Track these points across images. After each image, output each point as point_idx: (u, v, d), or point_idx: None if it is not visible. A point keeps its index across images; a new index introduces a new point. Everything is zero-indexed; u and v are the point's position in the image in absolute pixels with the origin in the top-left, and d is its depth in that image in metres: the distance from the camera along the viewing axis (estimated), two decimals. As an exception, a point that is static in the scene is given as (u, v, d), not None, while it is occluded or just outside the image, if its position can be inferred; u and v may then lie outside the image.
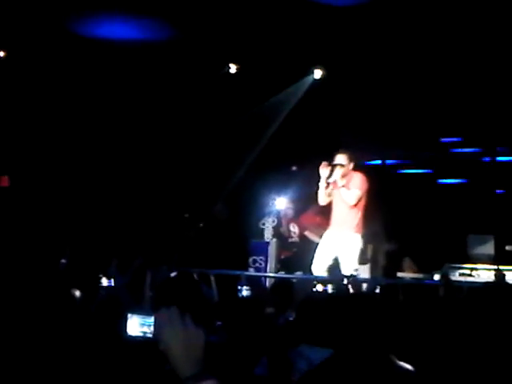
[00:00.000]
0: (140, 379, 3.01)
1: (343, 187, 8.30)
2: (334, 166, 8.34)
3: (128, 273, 8.45)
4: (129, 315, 2.15)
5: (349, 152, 8.53)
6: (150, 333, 2.06)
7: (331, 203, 8.57)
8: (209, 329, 3.97)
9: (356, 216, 8.42)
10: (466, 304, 4.80)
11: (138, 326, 2.12)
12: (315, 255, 8.53)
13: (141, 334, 2.09)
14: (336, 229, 8.47)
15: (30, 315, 3.65)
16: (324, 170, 8.37)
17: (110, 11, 8.68)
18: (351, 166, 8.44)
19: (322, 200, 8.54)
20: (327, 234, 8.58)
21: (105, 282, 7.41)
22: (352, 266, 8.34)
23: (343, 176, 8.35)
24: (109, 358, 3.22)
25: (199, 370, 1.79)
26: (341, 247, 8.38)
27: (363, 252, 9.83)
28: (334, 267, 8.39)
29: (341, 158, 8.40)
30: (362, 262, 9.78)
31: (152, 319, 2.06)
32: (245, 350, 3.15)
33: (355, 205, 8.34)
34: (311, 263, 9.25)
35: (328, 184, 8.38)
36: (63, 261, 7.96)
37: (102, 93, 10.56)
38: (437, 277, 8.56)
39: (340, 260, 8.39)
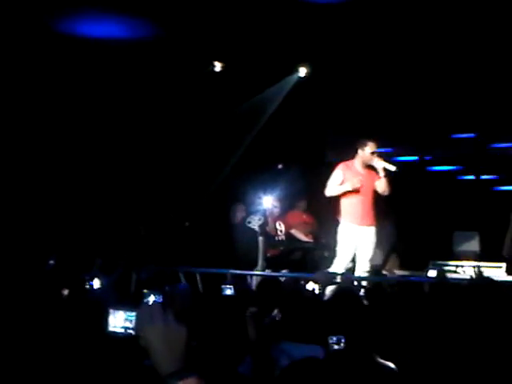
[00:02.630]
0: (120, 375, 3.00)
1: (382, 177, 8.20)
2: (372, 154, 8.22)
3: (114, 273, 8.43)
4: (111, 310, 2.13)
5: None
6: (132, 328, 2.04)
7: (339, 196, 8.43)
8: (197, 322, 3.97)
9: (373, 207, 8.37)
10: (452, 300, 4.82)
11: (121, 321, 2.10)
12: (340, 249, 8.35)
13: (122, 330, 2.07)
14: (359, 221, 8.31)
15: (17, 313, 3.63)
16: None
17: (94, 9, 8.63)
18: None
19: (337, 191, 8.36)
20: (348, 227, 8.35)
21: (97, 283, 7.39)
22: (373, 259, 8.28)
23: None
24: (90, 354, 3.20)
25: (180, 366, 1.77)
26: (363, 240, 8.28)
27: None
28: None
29: (374, 147, 8.27)
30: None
31: (135, 314, 2.04)
32: (228, 349, 3.14)
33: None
34: (298, 261, 9.26)
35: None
36: (51, 261, 7.92)
37: (85, 91, 10.50)
38: (432, 273, 8.56)
39: (361, 253, 8.29)
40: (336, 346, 3.24)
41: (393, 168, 8.18)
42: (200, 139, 11.21)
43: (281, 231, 10.50)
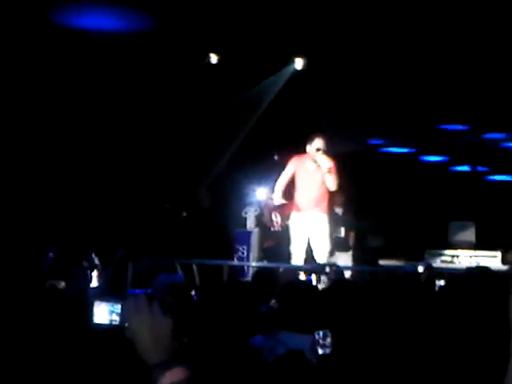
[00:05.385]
0: (107, 367, 3.02)
1: (328, 173, 8.29)
2: (317, 151, 8.33)
3: (111, 264, 8.47)
4: (96, 302, 2.13)
5: (325, 137, 8.53)
6: (118, 320, 2.05)
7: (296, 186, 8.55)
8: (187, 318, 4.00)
9: (325, 197, 8.46)
10: (448, 290, 4.85)
11: (106, 313, 2.11)
12: (292, 241, 8.53)
13: (108, 322, 2.08)
14: (306, 211, 8.47)
15: (14, 308, 3.66)
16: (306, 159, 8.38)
17: (90, 1, 8.63)
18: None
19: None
20: (296, 216, 8.57)
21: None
22: (326, 248, 8.37)
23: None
24: (75, 346, 3.23)
25: (167, 357, 1.78)
26: (312, 229, 8.41)
27: (344, 239, 9.88)
28: (309, 257, 8.41)
29: (320, 143, 8.39)
30: (344, 249, 9.83)
31: (120, 306, 2.05)
32: (225, 338, 3.17)
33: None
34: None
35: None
36: (50, 254, 7.95)
37: (81, 85, 10.50)
38: (420, 268, 8.61)
39: (313, 243, 8.39)
40: (321, 341, 3.26)
41: (327, 165, 8.24)
42: (196, 131, 11.22)
43: (277, 222, 10.52)
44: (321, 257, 8.30)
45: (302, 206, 8.49)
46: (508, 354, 1.66)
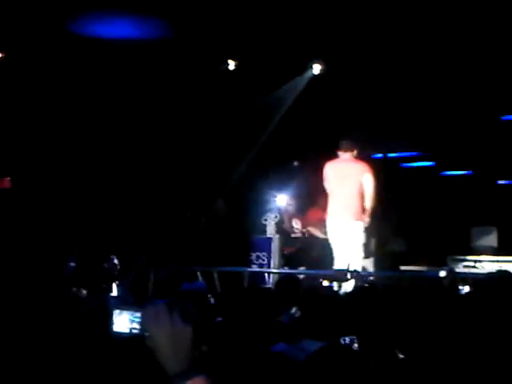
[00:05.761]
0: (127, 376, 3.00)
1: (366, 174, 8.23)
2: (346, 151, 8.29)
3: (132, 271, 8.47)
4: (117, 311, 2.11)
5: (353, 140, 8.47)
6: (138, 329, 2.03)
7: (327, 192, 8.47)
8: (207, 326, 3.97)
9: (359, 203, 8.32)
10: (471, 295, 4.79)
11: (126, 321, 2.10)
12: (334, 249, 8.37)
13: (128, 331, 2.06)
14: (338, 216, 8.33)
15: (33, 315, 3.66)
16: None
17: (108, 10, 8.67)
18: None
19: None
20: (331, 222, 8.41)
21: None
22: (359, 254, 8.25)
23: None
24: (96, 355, 3.22)
25: (187, 366, 1.76)
26: (346, 235, 8.27)
27: (367, 245, 9.79)
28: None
29: (349, 145, 8.34)
30: (366, 255, 9.75)
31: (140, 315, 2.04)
32: (245, 347, 3.14)
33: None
34: (315, 258, 9.23)
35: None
36: (72, 264, 7.96)
37: (101, 92, 10.54)
38: (443, 273, 8.52)
39: (346, 249, 8.28)
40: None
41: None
42: (215, 137, 11.22)
43: (297, 229, 10.48)
44: (354, 263, 8.15)
45: (336, 212, 8.36)
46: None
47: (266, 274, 9.21)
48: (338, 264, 8.13)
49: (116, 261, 8.06)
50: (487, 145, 11.90)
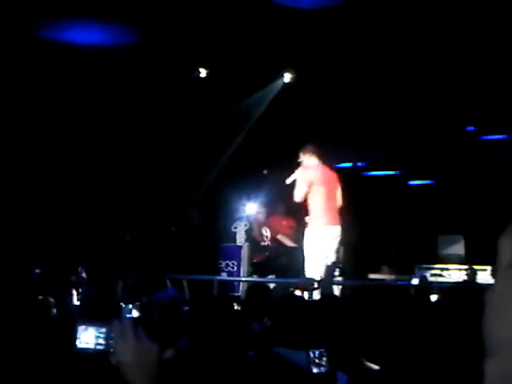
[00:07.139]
0: None
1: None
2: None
3: (100, 279, 8.39)
4: (83, 327, 2.07)
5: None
6: (103, 345, 1.99)
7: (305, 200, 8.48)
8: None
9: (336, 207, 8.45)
10: (438, 304, 4.84)
11: (91, 337, 2.06)
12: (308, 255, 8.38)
13: (93, 347, 2.02)
14: (320, 223, 8.36)
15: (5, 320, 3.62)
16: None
17: (78, 16, 8.61)
18: None
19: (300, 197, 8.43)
20: (322, 229, 8.38)
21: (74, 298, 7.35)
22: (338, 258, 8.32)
23: None
24: (59, 370, 3.18)
25: (154, 382, 1.75)
26: (332, 241, 8.33)
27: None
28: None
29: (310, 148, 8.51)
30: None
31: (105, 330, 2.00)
32: (216, 356, 3.13)
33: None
34: (283, 267, 9.24)
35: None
36: (37, 270, 7.86)
37: (69, 99, 10.46)
38: (415, 281, 8.57)
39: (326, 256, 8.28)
40: (317, 360, 3.19)
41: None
42: (186, 145, 11.20)
43: (267, 237, 10.50)
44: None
45: (326, 219, 8.40)
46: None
47: (236, 283, 9.20)
48: (312, 272, 8.14)
49: (84, 274, 7.97)
50: (451, 155, 12.06)
